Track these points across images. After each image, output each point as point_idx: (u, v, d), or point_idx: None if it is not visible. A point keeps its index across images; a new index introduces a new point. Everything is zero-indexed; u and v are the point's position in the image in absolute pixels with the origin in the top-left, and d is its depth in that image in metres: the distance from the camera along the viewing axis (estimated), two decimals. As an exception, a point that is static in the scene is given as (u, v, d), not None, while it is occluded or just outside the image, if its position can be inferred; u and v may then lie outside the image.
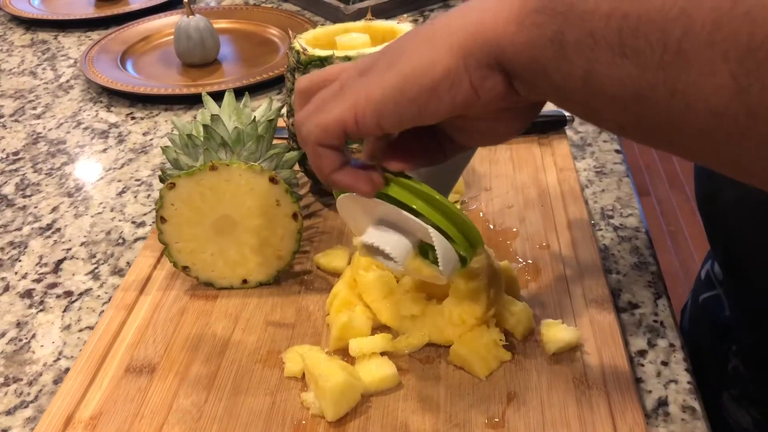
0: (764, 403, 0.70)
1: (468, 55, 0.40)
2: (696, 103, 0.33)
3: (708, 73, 0.32)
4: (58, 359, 0.62)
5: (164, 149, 0.67)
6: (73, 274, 0.72)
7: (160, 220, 0.62)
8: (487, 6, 0.40)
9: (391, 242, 0.49)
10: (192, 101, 1.02)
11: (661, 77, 0.33)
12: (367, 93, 0.42)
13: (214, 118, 0.65)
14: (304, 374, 0.56)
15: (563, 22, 0.36)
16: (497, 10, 0.39)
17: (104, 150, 0.93)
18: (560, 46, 0.36)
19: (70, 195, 0.84)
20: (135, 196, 0.83)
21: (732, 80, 0.31)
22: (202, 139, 0.65)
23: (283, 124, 0.79)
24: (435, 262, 0.49)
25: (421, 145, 0.48)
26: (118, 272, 0.71)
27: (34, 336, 0.64)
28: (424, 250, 0.50)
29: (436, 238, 0.47)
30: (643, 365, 0.57)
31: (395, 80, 0.41)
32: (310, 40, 0.72)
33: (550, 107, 0.45)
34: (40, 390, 0.59)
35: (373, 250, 0.50)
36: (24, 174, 0.89)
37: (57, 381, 0.60)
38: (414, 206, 0.47)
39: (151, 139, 0.94)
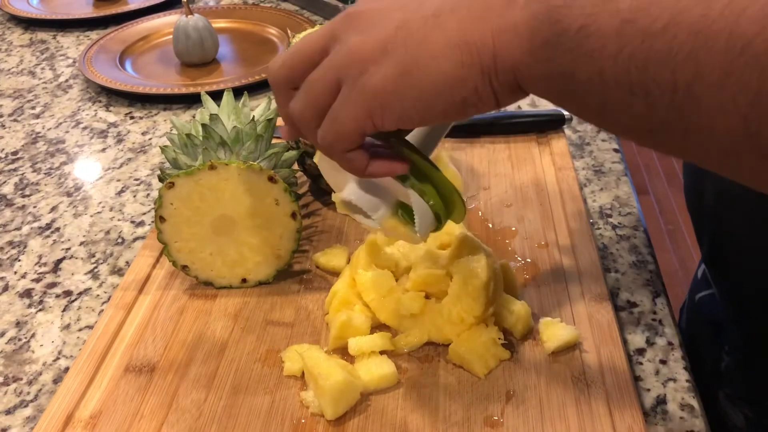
0: (756, 402, 0.70)
1: (493, 77, 0.40)
2: (709, 142, 0.33)
3: (719, 115, 0.32)
4: (58, 358, 0.62)
5: (163, 149, 0.67)
6: (73, 274, 0.72)
7: (159, 219, 0.62)
8: (500, 17, 0.39)
9: (370, 200, 0.50)
10: (191, 101, 1.02)
11: (673, 116, 0.34)
12: (383, 103, 0.41)
13: (213, 117, 0.65)
14: (303, 373, 0.56)
15: (572, 60, 0.36)
16: (509, 31, 0.39)
17: (103, 149, 0.93)
18: (571, 83, 0.37)
19: (69, 194, 0.84)
20: (134, 196, 0.83)
21: (743, 123, 0.31)
22: (201, 138, 0.65)
23: (282, 124, 0.79)
24: (411, 221, 0.49)
25: None
26: (118, 272, 0.71)
27: (33, 335, 0.65)
28: (400, 208, 0.51)
29: (415, 200, 0.47)
30: (641, 363, 0.57)
31: (418, 96, 0.41)
32: (308, 40, 0.72)
33: (549, 106, 0.45)
34: (40, 389, 0.59)
35: (351, 207, 0.51)
36: (23, 174, 0.89)
37: (57, 380, 0.60)
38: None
39: (150, 139, 0.94)
